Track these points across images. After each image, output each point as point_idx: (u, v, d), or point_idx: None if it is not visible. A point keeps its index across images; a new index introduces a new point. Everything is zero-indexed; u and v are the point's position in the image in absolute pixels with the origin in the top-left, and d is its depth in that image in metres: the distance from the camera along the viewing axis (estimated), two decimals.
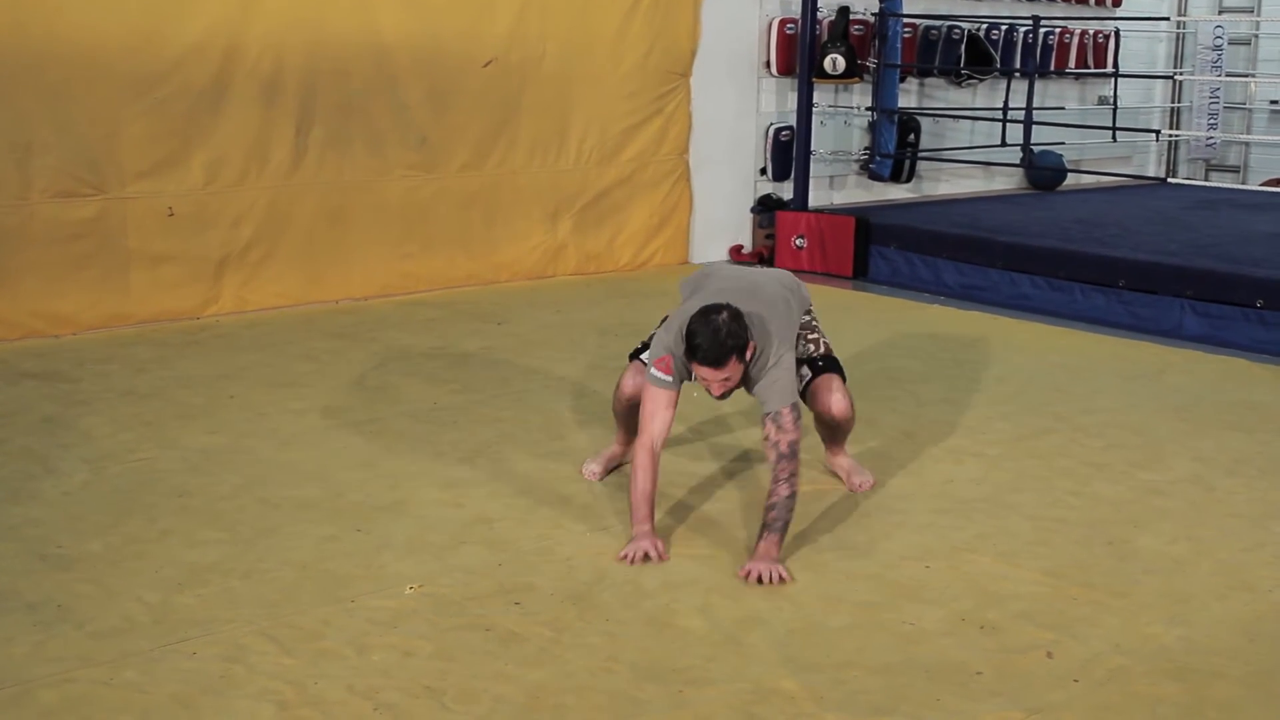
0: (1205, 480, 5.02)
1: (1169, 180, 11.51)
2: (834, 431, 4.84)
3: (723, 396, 4.26)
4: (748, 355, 4.14)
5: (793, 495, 4.16)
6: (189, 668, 3.41)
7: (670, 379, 4.27)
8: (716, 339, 4.05)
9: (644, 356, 4.57)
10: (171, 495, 4.67)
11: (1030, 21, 10.79)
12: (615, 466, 4.99)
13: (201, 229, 7.39)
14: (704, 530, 4.42)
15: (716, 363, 4.09)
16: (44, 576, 3.97)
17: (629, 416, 4.68)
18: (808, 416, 4.64)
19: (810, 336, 4.71)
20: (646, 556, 4.14)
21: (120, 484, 4.78)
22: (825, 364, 4.70)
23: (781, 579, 4.02)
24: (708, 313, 4.12)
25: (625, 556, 4.16)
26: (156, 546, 4.21)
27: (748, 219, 9.92)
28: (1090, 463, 5.19)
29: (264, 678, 3.37)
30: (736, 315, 4.13)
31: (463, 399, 5.94)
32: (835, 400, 4.66)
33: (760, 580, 4.00)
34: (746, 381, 4.29)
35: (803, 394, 4.64)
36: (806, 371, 4.66)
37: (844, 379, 4.73)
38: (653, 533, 4.23)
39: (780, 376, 4.23)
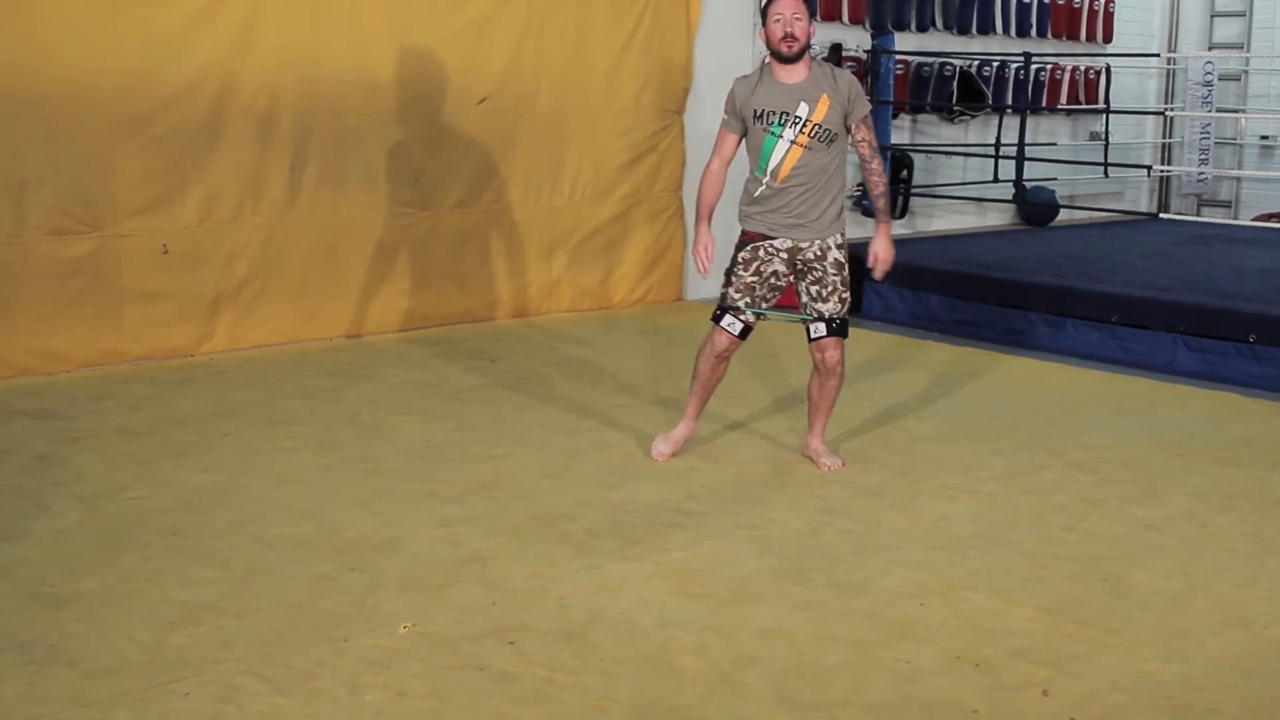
0: (1200, 516, 5.02)
1: (1161, 215, 11.60)
2: (823, 388, 5.48)
3: (795, 55, 5.15)
4: (811, 25, 5.17)
5: (886, 176, 5.47)
6: (181, 708, 3.39)
7: (729, 117, 5.34)
8: None
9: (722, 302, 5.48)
10: (165, 534, 4.66)
11: (1022, 58, 10.86)
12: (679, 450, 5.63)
13: (196, 266, 7.39)
14: (699, 568, 4.41)
15: None
16: (36, 616, 3.95)
17: (709, 379, 5.52)
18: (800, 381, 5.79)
19: (843, 290, 5.43)
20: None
21: (113, 522, 4.76)
22: (840, 327, 5.40)
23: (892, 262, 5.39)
24: None
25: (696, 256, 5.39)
26: (150, 585, 4.20)
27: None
28: (1084, 499, 5.19)
29: (257, 718, 3.35)
30: None
31: (457, 436, 5.93)
32: (832, 357, 5.42)
33: (883, 263, 5.38)
34: (833, 88, 5.19)
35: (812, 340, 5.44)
36: (822, 328, 5.37)
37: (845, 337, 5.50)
38: (707, 232, 5.39)
39: (860, 89, 5.30)
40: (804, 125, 5.21)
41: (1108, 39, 12.81)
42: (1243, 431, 6.23)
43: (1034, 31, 12.04)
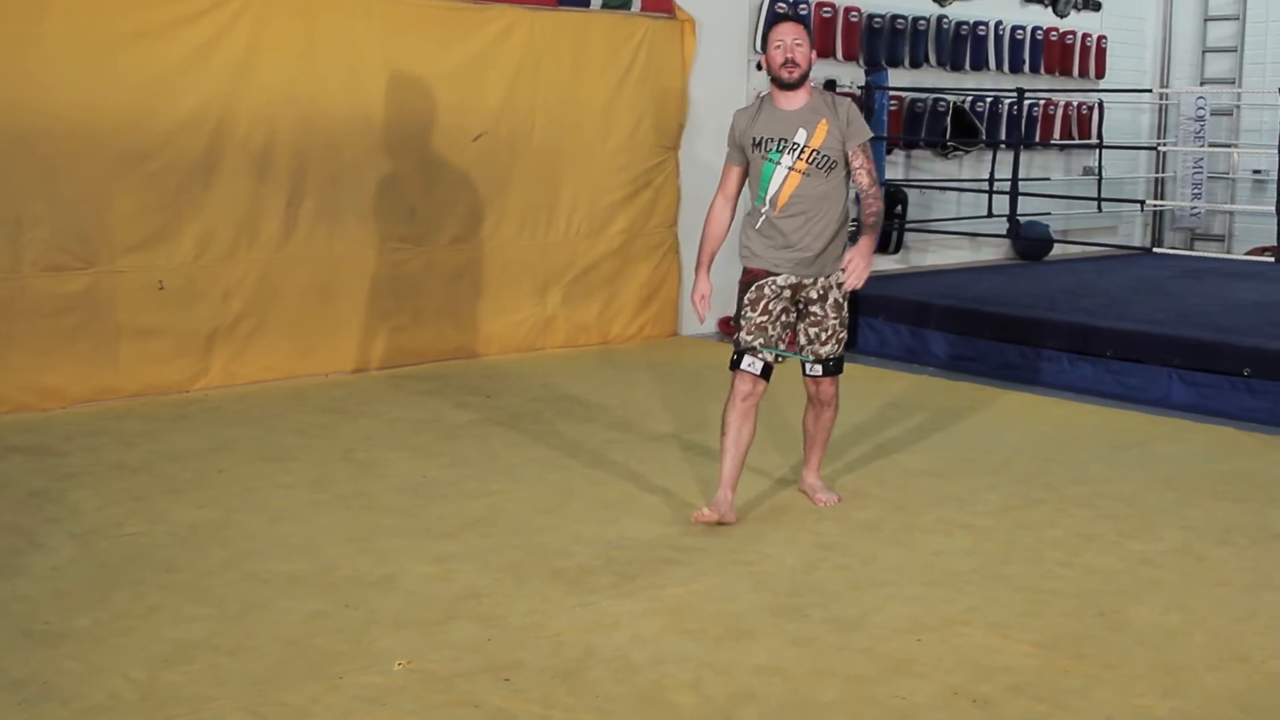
0: (1196, 550, 5.01)
1: (1154, 250, 11.64)
2: (819, 419, 5.49)
3: (796, 81, 5.14)
4: (811, 52, 5.17)
5: (882, 205, 5.40)
6: None
7: (731, 150, 5.33)
8: (792, 12, 5.52)
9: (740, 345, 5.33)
10: (159, 570, 4.64)
11: (1015, 94, 10.91)
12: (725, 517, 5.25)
13: (191, 302, 7.40)
14: (694, 605, 4.40)
15: (796, 18, 5.38)
16: (30, 653, 3.93)
17: (739, 434, 5.25)
18: (796, 412, 5.71)
19: (840, 331, 5.40)
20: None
21: (108, 559, 4.75)
22: (835, 365, 5.39)
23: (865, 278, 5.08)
24: None
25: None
26: (143, 622, 4.18)
27: (736, 292, 9.94)
28: (1080, 533, 5.19)
29: None
30: None
31: (451, 473, 5.92)
32: (827, 392, 5.44)
33: (855, 274, 5.05)
34: (832, 114, 5.17)
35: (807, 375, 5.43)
36: (819, 368, 5.37)
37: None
38: (705, 280, 5.31)
39: (859, 115, 5.26)
40: (802, 151, 5.16)
41: (1100, 74, 12.88)
42: (1238, 465, 6.23)
43: (1027, 67, 12.11)
